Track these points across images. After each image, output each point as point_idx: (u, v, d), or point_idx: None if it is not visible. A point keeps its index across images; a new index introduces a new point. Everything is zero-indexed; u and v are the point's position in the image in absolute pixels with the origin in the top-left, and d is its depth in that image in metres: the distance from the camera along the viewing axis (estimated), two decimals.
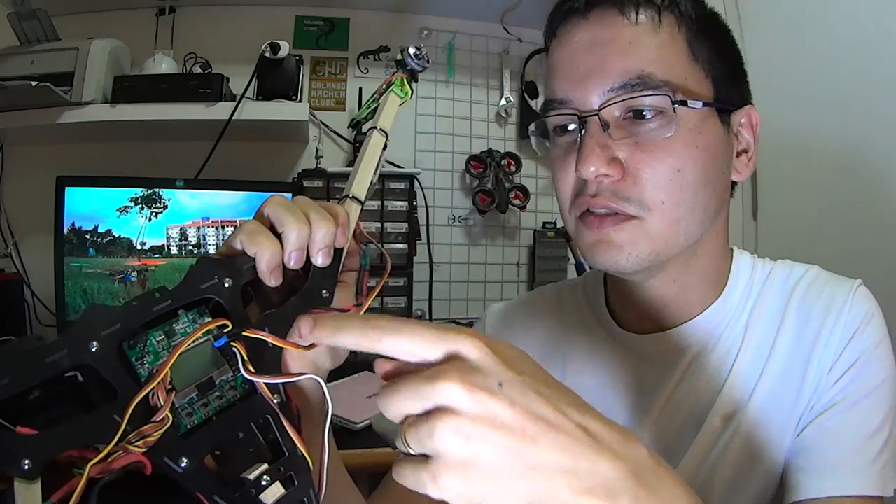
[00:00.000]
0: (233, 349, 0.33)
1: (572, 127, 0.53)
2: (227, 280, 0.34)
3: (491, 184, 1.62)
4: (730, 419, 0.52)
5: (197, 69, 1.43)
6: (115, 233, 1.30)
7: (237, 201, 1.36)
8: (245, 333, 0.33)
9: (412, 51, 0.47)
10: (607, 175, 0.49)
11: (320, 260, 0.37)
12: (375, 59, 1.62)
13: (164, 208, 1.32)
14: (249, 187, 1.36)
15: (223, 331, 0.33)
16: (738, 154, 0.55)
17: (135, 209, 1.31)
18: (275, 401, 0.34)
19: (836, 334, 0.51)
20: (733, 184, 0.56)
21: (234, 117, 1.26)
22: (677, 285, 0.55)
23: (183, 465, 0.31)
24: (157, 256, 1.32)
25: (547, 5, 0.56)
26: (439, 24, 1.65)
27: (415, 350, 0.31)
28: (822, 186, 1.27)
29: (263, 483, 0.32)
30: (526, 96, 1.67)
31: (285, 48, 1.27)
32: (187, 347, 0.32)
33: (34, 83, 1.11)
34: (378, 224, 1.41)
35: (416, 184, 1.51)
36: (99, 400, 0.30)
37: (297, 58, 1.34)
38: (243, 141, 1.48)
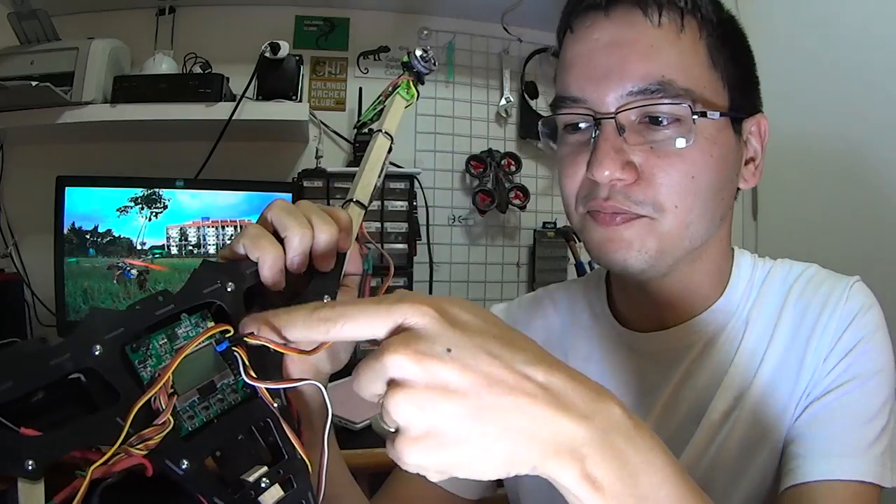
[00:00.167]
0: (234, 353, 0.33)
1: (584, 126, 0.52)
2: (230, 284, 0.34)
3: (491, 184, 1.62)
4: (729, 413, 0.52)
5: (197, 69, 1.43)
6: (115, 233, 1.31)
7: (237, 201, 1.36)
8: (246, 339, 0.33)
9: (419, 53, 0.47)
10: (621, 179, 0.49)
11: (323, 264, 0.37)
12: (375, 59, 1.62)
13: (164, 208, 1.32)
14: (249, 187, 1.36)
15: (225, 335, 0.33)
16: (746, 162, 0.55)
17: (135, 209, 1.31)
18: (275, 405, 0.34)
19: (833, 324, 0.51)
20: (737, 189, 0.56)
21: (234, 117, 1.26)
22: (681, 285, 0.55)
23: (184, 467, 0.31)
24: (158, 256, 1.32)
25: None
26: (439, 24, 1.65)
27: (364, 331, 0.30)
28: (822, 187, 1.27)
29: (263, 485, 0.32)
30: (526, 96, 1.67)
31: (285, 48, 1.27)
32: (189, 352, 0.32)
33: (34, 83, 1.11)
34: (378, 224, 1.41)
35: (416, 184, 1.51)
36: (102, 402, 0.30)
37: (297, 58, 1.34)
38: (243, 141, 1.48)
